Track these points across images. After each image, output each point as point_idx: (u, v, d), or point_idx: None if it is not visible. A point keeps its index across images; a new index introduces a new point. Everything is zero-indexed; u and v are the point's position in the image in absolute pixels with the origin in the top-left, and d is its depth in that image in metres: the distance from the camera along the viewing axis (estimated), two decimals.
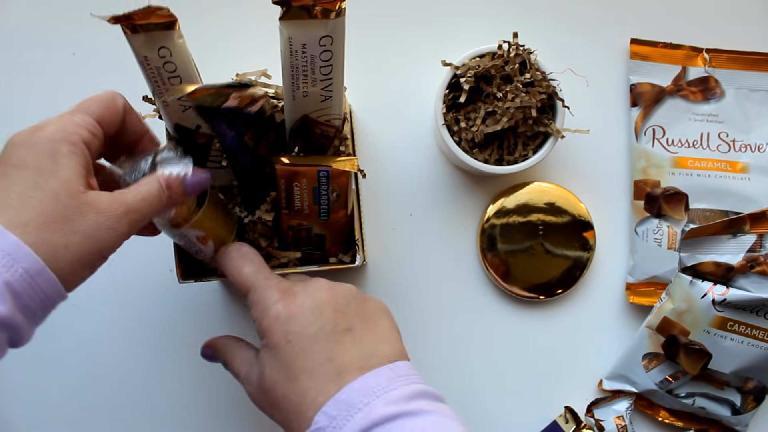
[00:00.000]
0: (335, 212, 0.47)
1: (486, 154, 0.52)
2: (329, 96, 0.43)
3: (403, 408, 0.34)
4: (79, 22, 0.57)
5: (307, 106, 0.44)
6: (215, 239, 0.45)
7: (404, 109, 0.57)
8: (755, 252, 0.50)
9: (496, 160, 0.52)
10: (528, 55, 0.50)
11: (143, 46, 0.39)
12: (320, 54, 0.40)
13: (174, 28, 0.39)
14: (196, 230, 0.43)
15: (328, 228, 0.47)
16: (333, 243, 0.48)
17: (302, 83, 0.42)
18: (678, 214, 0.55)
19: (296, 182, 0.45)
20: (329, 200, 0.46)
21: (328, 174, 0.44)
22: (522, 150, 0.52)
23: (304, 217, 0.47)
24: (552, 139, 0.51)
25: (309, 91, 0.42)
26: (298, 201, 0.46)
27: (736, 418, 0.53)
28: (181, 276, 0.47)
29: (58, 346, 0.56)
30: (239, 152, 0.43)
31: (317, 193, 0.45)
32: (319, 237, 0.48)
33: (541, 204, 0.55)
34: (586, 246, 0.55)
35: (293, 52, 0.40)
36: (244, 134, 0.42)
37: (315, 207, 0.46)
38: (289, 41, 0.39)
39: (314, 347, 0.38)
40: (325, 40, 0.39)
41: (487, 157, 0.52)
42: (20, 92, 0.57)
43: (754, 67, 0.56)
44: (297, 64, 0.40)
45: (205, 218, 0.43)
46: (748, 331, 0.50)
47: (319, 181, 0.45)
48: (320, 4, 0.38)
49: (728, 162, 0.55)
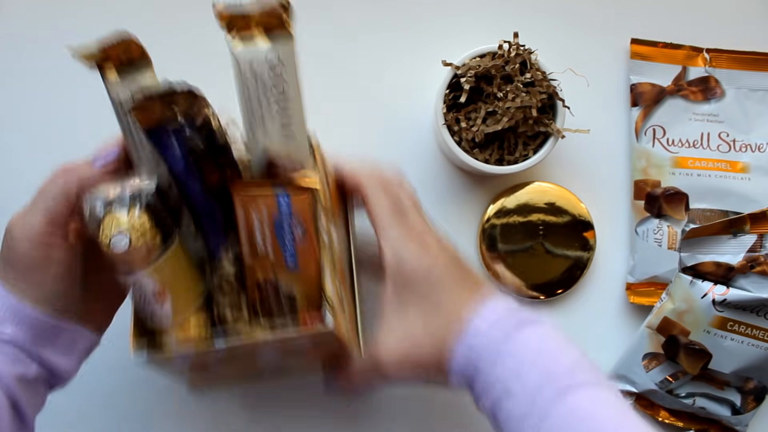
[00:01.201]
0: (304, 255, 0.40)
1: (486, 154, 0.52)
2: (291, 135, 0.39)
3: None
4: (78, 22, 0.57)
5: (270, 149, 0.40)
6: (175, 301, 0.38)
7: (405, 109, 0.57)
8: (755, 252, 0.50)
9: (496, 160, 0.52)
10: (528, 54, 0.50)
11: (121, 89, 0.37)
12: (273, 83, 0.37)
13: (150, 65, 0.38)
14: (151, 281, 0.37)
15: (299, 281, 0.41)
16: (307, 303, 0.41)
17: (260, 118, 0.38)
18: (678, 214, 0.55)
19: (256, 212, 0.39)
20: (294, 240, 0.40)
21: (289, 200, 0.39)
22: (522, 150, 0.52)
23: (269, 267, 0.40)
24: (552, 139, 0.51)
25: (269, 129, 0.39)
26: (260, 240, 0.40)
27: (736, 418, 0.53)
28: (135, 344, 0.39)
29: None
30: (188, 176, 0.38)
31: (279, 227, 0.39)
32: (290, 299, 0.41)
33: (541, 204, 0.55)
34: (587, 246, 0.55)
35: (245, 81, 0.37)
36: (190, 151, 0.38)
37: (279, 251, 0.40)
38: (238, 66, 0.37)
39: None
40: (273, 61, 0.36)
41: (488, 157, 0.52)
42: (20, 92, 0.57)
43: (755, 67, 0.56)
44: (251, 94, 0.37)
45: (168, 267, 0.37)
46: (749, 331, 0.50)
47: (280, 211, 0.39)
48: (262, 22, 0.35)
49: (728, 162, 0.55)
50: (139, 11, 0.57)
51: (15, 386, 0.38)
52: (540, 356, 0.38)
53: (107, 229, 0.36)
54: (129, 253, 0.35)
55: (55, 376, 0.40)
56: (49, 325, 0.39)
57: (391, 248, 0.42)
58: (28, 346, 0.38)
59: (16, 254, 0.38)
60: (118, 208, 0.36)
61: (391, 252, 0.42)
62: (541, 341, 0.39)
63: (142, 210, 0.36)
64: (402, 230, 0.42)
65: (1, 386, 0.37)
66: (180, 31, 0.57)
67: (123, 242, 0.35)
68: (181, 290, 0.39)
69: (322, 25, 0.57)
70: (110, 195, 0.36)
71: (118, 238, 0.35)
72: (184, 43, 0.56)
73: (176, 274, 0.39)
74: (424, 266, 0.41)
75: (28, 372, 0.38)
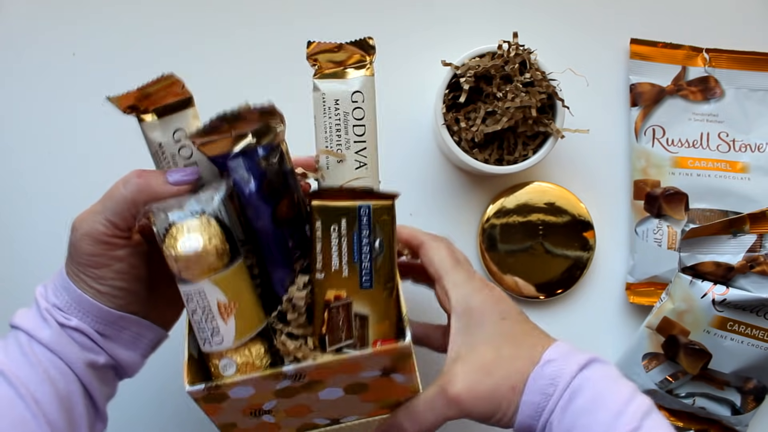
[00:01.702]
0: (379, 273, 0.39)
1: (486, 154, 0.52)
2: (365, 163, 0.41)
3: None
4: (78, 22, 0.57)
5: (341, 176, 0.41)
6: (239, 320, 0.36)
7: (405, 109, 0.57)
8: (755, 252, 0.50)
9: (496, 160, 0.52)
10: (528, 54, 0.50)
11: (159, 132, 0.38)
12: (353, 111, 0.39)
13: (191, 106, 0.38)
14: (220, 292, 0.36)
15: (372, 303, 0.39)
16: (379, 334, 0.40)
17: (336, 146, 0.40)
18: (678, 214, 0.55)
19: (334, 224, 0.38)
20: (372, 253, 0.39)
21: (370, 211, 0.38)
22: (522, 150, 0.52)
23: (342, 285, 0.39)
24: (552, 139, 0.51)
25: (344, 156, 0.40)
26: (336, 256, 0.38)
27: (736, 418, 0.53)
28: (191, 380, 0.37)
29: None
30: (258, 203, 0.37)
31: (357, 241, 0.38)
32: (361, 320, 0.40)
33: (541, 204, 0.55)
34: (586, 246, 0.55)
35: (326, 110, 0.39)
36: (262, 177, 0.37)
37: (355, 266, 0.39)
38: (322, 99, 0.39)
39: None
40: (356, 96, 0.39)
41: (487, 157, 0.52)
42: (20, 92, 0.57)
43: (754, 67, 0.56)
44: (330, 123, 0.40)
45: (234, 281, 0.36)
46: (748, 331, 0.50)
47: (360, 223, 0.38)
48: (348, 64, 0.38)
49: (728, 162, 0.55)
50: (137, 8, 0.57)
51: (86, 373, 0.39)
52: (605, 393, 0.39)
53: (177, 233, 0.36)
54: (198, 254, 0.35)
55: (122, 367, 0.41)
56: (112, 318, 0.40)
57: (460, 289, 0.43)
58: (94, 336, 0.40)
59: (79, 250, 0.39)
60: (189, 217, 0.36)
61: (459, 295, 0.42)
62: (604, 377, 0.40)
63: (213, 218, 0.36)
64: (466, 276, 0.43)
65: (74, 371, 0.39)
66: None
67: (193, 242, 0.35)
68: (247, 307, 0.37)
69: (322, 25, 0.57)
70: (183, 205, 0.37)
71: (188, 238, 0.35)
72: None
73: (243, 290, 0.37)
74: (496, 305, 0.43)
75: (98, 359, 0.40)
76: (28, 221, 0.57)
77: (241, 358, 0.37)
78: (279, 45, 0.56)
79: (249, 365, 0.37)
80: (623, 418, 0.37)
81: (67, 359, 0.38)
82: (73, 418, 0.39)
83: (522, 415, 0.40)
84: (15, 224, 0.58)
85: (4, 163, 0.57)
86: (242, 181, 0.37)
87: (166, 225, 0.36)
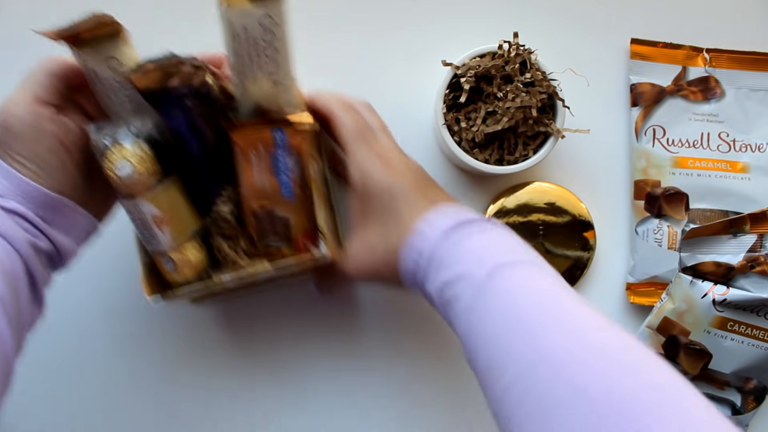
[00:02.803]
0: (297, 185, 0.45)
1: (486, 154, 0.52)
2: (279, 81, 0.43)
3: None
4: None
5: (258, 96, 0.43)
6: (173, 227, 0.43)
7: (405, 109, 0.57)
8: (755, 252, 0.50)
9: (496, 160, 0.52)
10: (528, 55, 0.50)
11: (91, 59, 0.40)
12: (263, 35, 0.40)
13: (120, 36, 0.40)
14: (153, 207, 0.41)
15: (293, 210, 0.45)
16: (300, 230, 0.46)
17: (249, 70, 0.42)
18: (678, 214, 0.55)
19: (253, 148, 0.43)
20: (289, 169, 0.44)
21: (284, 133, 0.43)
22: (522, 150, 0.52)
23: (265, 197, 0.45)
24: (552, 139, 0.51)
25: (257, 78, 0.42)
26: (257, 174, 0.44)
27: (736, 418, 0.53)
28: (149, 291, 0.44)
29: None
30: (188, 136, 0.42)
31: (275, 160, 0.44)
32: (284, 222, 0.45)
33: (541, 204, 0.55)
34: (587, 246, 0.55)
35: (235, 37, 0.40)
36: (190, 113, 0.41)
37: (275, 180, 0.44)
38: (231, 26, 0.39)
39: None
40: (265, 20, 0.39)
41: (488, 157, 0.52)
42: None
43: (754, 67, 0.56)
44: (241, 49, 0.40)
45: (166, 196, 0.42)
46: (749, 331, 0.50)
47: (276, 144, 0.43)
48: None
49: (728, 162, 0.55)
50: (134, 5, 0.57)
51: (30, 255, 0.39)
52: (482, 252, 0.40)
53: (112, 157, 0.40)
54: (132, 178, 0.40)
55: (58, 253, 0.42)
56: (49, 200, 0.40)
57: (357, 166, 0.45)
58: (34, 220, 0.40)
59: (9, 131, 0.39)
60: (123, 140, 0.40)
61: (356, 169, 0.45)
62: (487, 241, 0.41)
63: (144, 142, 0.41)
64: (367, 149, 0.45)
65: (17, 251, 0.38)
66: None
67: (127, 168, 0.40)
68: (180, 216, 0.43)
69: (323, 25, 0.57)
70: (115, 129, 0.40)
71: (123, 164, 0.40)
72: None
73: (175, 202, 0.43)
74: (387, 181, 0.44)
75: (39, 243, 0.40)
76: None
77: (179, 255, 0.44)
78: None
79: (185, 262, 0.44)
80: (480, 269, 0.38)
81: (12, 240, 0.38)
82: (18, 297, 0.38)
83: (407, 283, 0.43)
84: None
85: None
86: (171, 118, 0.41)
87: (103, 147, 0.40)
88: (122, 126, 0.41)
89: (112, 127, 0.41)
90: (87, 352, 0.55)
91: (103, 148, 0.40)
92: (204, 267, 0.45)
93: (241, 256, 0.46)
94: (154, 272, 0.45)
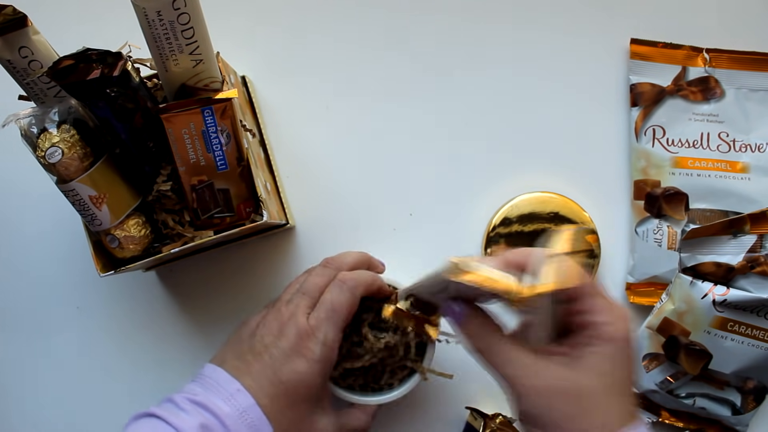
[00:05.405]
0: (231, 156, 0.45)
1: (350, 379, 0.50)
2: (200, 59, 0.44)
3: None
4: (79, 22, 0.57)
5: (182, 75, 0.44)
6: (111, 206, 0.44)
7: None
8: (755, 252, 0.50)
9: (360, 386, 0.50)
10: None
11: (2, 50, 0.41)
12: (177, 18, 0.41)
13: (27, 25, 0.41)
14: (89, 188, 0.43)
15: (231, 182, 0.46)
16: (240, 199, 0.47)
17: (169, 52, 0.43)
18: (678, 214, 0.55)
19: (185, 129, 0.44)
20: (222, 144, 0.45)
21: (212, 111, 0.44)
22: (389, 378, 0.50)
23: (203, 172, 0.46)
24: (417, 376, 0.50)
25: (179, 59, 0.43)
26: (192, 152, 0.45)
27: (736, 418, 0.53)
28: (101, 268, 0.46)
29: None
30: (115, 122, 0.43)
31: (207, 137, 0.45)
32: (224, 193, 0.46)
33: (544, 214, 0.55)
34: (591, 254, 0.55)
35: (151, 23, 0.41)
36: (114, 101, 0.42)
37: (210, 155, 0.45)
38: (144, 13, 0.40)
39: None
40: (178, 3, 0.40)
41: (351, 382, 0.50)
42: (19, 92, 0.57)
43: (754, 67, 0.56)
44: (158, 33, 0.41)
45: (100, 176, 0.43)
46: (749, 331, 0.50)
47: (206, 122, 0.44)
48: None
49: (728, 162, 0.55)
50: None
51: None
52: None
53: (43, 145, 0.41)
54: (63, 163, 0.41)
55: None
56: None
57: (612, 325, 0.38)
58: None
59: (295, 396, 0.43)
60: (50, 127, 0.42)
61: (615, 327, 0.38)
62: None
63: (70, 126, 0.42)
64: None
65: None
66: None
67: (57, 154, 0.41)
68: (117, 194, 0.45)
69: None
70: (41, 117, 0.42)
71: (52, 150, 0.41)
72: None
73: (111, 180, 0.44)
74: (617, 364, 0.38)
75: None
76: (29, 221, 0.57)
77: (122, 232, 0.45)
78: None
79: (129, 238, 0.45)
80: None
81: None
82: None
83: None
84: (15, 224, 0.58)
85: (4, 163, 0.57)
86: (96, 108, 0.42)
87: (32, 137, 0.41)
88: (47, 112, 0.42)
89: (39, 114, 0.42)
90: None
91: (34, 138, 0.42)
92: (149, 241, 0.47)
93: (187, 228, 0.47)
94: (104, 251, 0.47)
